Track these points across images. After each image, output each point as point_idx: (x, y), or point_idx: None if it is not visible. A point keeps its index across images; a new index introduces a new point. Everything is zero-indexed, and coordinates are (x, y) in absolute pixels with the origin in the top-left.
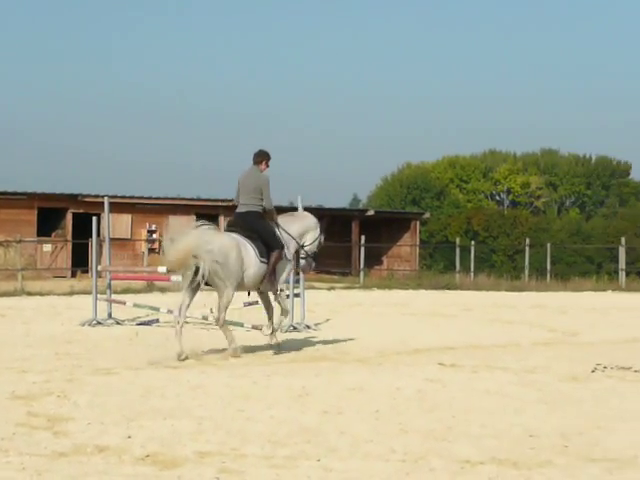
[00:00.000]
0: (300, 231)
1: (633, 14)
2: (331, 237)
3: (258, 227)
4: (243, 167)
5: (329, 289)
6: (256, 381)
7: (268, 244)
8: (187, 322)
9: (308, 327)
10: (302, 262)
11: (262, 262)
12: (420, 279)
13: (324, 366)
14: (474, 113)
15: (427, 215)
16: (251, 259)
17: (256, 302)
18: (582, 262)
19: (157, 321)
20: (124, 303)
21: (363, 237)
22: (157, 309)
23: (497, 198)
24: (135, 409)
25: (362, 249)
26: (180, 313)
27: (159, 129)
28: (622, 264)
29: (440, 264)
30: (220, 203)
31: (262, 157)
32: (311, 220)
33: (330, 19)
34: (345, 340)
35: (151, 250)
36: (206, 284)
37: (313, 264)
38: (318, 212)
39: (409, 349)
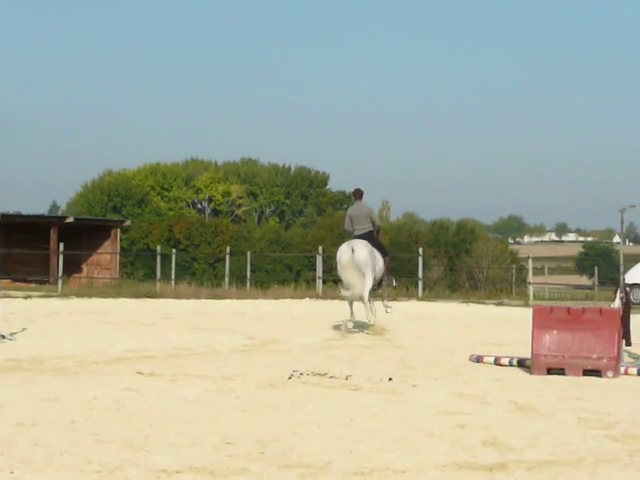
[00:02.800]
0: None
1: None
2: (28, 244)
3: (375, 241)
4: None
5: (25, 297)
6: None
7: (381, 252)
8: None
9: (3, 337)
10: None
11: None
12: (120, 287)
13: (19, 376)
14: (177, 119)
15: (128, 223)
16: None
17: None
18: (282, 270)
19: None
20: None
21: (62, 244)
22: None
23: (199, 206)
24: None
25: (61, 257)
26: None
27: None
28: (319, 272)
29: (141, 272)
30: None
31: (362, 193)
32: None
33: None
34: (41, 349)
35: None
36: None
37: None
38: (15, 219)
39: (108, 358)
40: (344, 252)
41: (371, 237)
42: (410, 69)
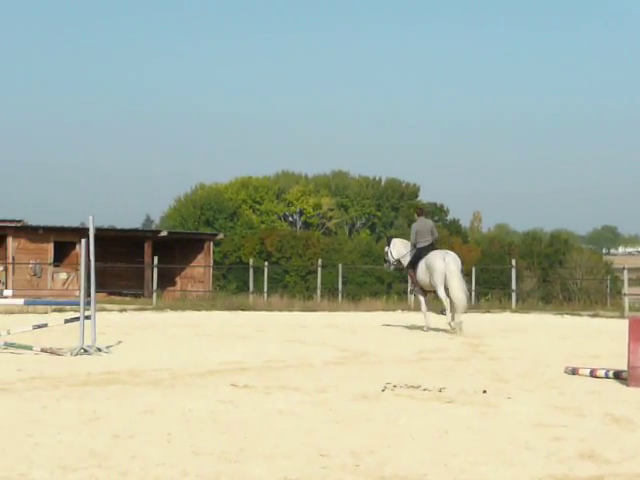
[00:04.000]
0: None
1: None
2: (123, 258)
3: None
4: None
5: (121, 310)
6: (45, 405)
7: None
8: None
9: (99, 350)
10: None
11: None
12: (214, 300)
13: (116, 389)
14: (267, 134)
15: (220, 236)
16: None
17: (45, 325)
18: (373, 282)
19: None
20: None
21: (156, 258)
22: None
23: (290, 219)
24: None
25: (155, 270)
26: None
27: None
28: (410, 284)
29: (233, 285)
30: (8, 224)
31: (425, 211)
32: None
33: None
34: (137, 362)
35: None
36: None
37: None
38: (110, 233)
39: (202, 370)
40: (439, 260)
41: (434, 247)
42: (503, 79)
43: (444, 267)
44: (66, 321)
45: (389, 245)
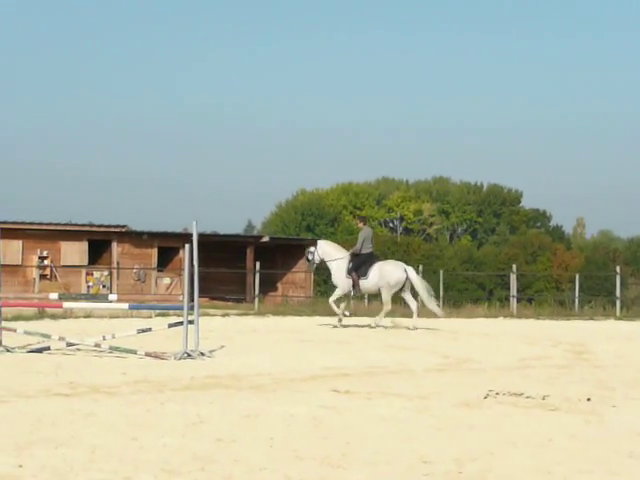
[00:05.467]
0: None
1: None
2: (225, 264)
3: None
4: (137, 190)
5: (223, 315)
6: (150, 409)
7: None
8: (79, 349)
9: (202, 354)
10: None
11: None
12: (315, 305)
13: (219, 393)
14: (368, 140)
15: None
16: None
17: (149, 329)
18: (474, 289)
19: (48, 348)
20: (14, 330)
21: (258, 263)
22: (48, 336)
23: (390, 225)
24: (26, 437)
25: (257, 275)
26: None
27: (52, 150)
28: (513, 291)
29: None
30: (113, 229)
31: (367, 219)
32: None
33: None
34: (240, 367)
35: (42, 276)
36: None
37: None
38: (212, 238)
39: (304, 376)
40: (401, 271)
41: (375, 255)
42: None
43: (405, 276)
44: (170, 325)
45: (315, 246)
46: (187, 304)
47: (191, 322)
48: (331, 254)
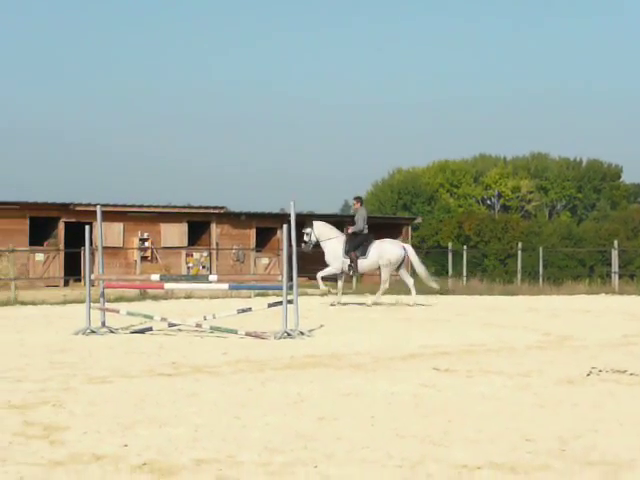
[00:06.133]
0: None
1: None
2: None
3: None
4: (234, 171)
5: (322, 295)
6: (251, 388)
7: None
8: (180, 330)
9: (302, 333)
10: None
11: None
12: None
13: (319, 372)
14: (464, 117)
15: (419, 220)
16: None
17: (249, 309)
18: (574, 265)
19: (151, 329)
20: (117, 311)
21: None
22: (150, 317)
23: (488, 202)
24: (131, 417)
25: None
26: None
27: (151, 135)
28: (615, 267)
29: (432, 269)
30: (212, 210)
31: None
32: None
33: (316, 26)
34: (339, 346)
35: (143, 258)
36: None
37: None
38: (310, 218)
39: (403, 354)
40: (400, 249)
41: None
42: None
43: (404, 253)
44: (269, 305)
45: (311, 227)
46: (286, 284)
47: (290, 302)
48: (326, 234)
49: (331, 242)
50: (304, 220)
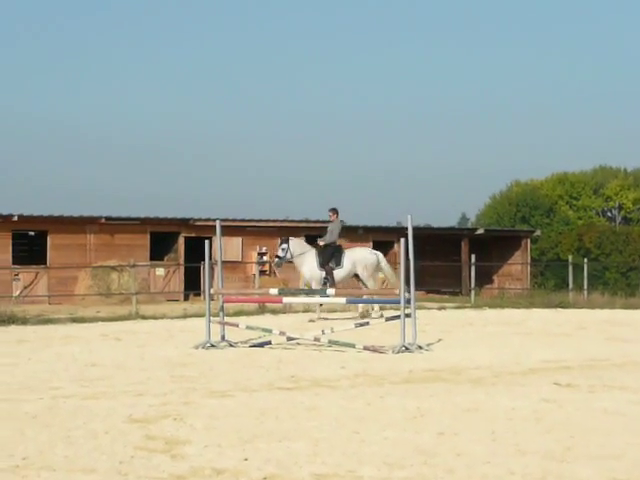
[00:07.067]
0: None
1: None
2: (439, 256)
3: None
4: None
5: (440, 309)
6: (370, 402)
7: None
8: (299, 344)
9: (420, 347)
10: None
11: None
12: (532, 298)
13: (438, 387)
14: (583, 129)
15: (537, 233)
16: None
17: (367, 323)
18: None
19: (269, 343)
20: (237, 325)
21: (473, 256)
22: (269, 331)
23: (608, 214)
24: (251, 431)
25: (472, 268)
26: None
27: (269, 151)
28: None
29: (551, 282)
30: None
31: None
32: None
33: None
34: (458, 360)
35: (262, 272)
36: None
37: None
38: (426, 232)
39: (523, 369)
40: (372, 255)
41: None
42: None
43: (376, 258)
44: (387, 319)
45: (287, 243)
46: (403, 298)
47: (408, 315)
48: (299, 249)
49: (304, 257)
50: (421, 234)
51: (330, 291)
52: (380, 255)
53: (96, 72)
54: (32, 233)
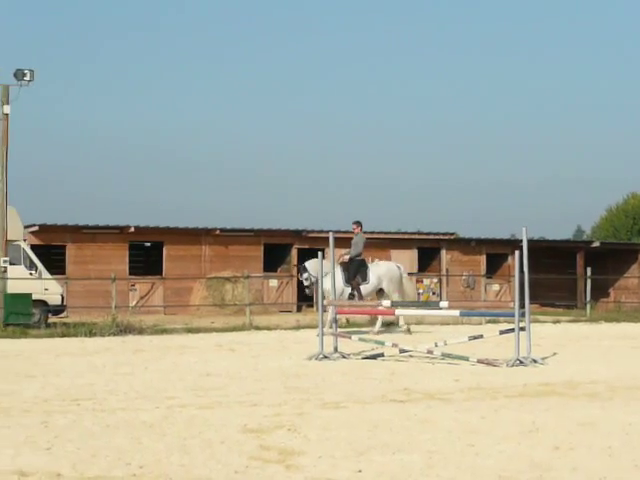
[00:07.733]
0: None
1: None
2: (554, 269)
3: None
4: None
5: (554, 322)
6: (484, 415)
7: None
8: (411, 356)
9: (535, 361)
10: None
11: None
12: None
13: (553, 400)
14: None
15: None
16: None
17: (481, 336)
18: None
19: (382, 355)
20: (349, 337)
21: (588, 269)
22: (382, 343)
23: None
24: (364, 443)
25: (588, 281)
26: None
27: (383, 163)
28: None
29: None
30: (442, 237)
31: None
32: None
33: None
34: (574, 374)
35: None
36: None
37: None
38: (541, 244)
39: None
40: (396, 268)
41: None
42: None
43: (400, 272)
44: (501, 332)
45: (305, 271)
46: (518, 311)
47: (522, 329)
48: (317, 270)
49: (330, 275)
50: (535, 246)
51: (443, 304)
52: (402, 268)
53: (209, 92)
54: (148, 244)
